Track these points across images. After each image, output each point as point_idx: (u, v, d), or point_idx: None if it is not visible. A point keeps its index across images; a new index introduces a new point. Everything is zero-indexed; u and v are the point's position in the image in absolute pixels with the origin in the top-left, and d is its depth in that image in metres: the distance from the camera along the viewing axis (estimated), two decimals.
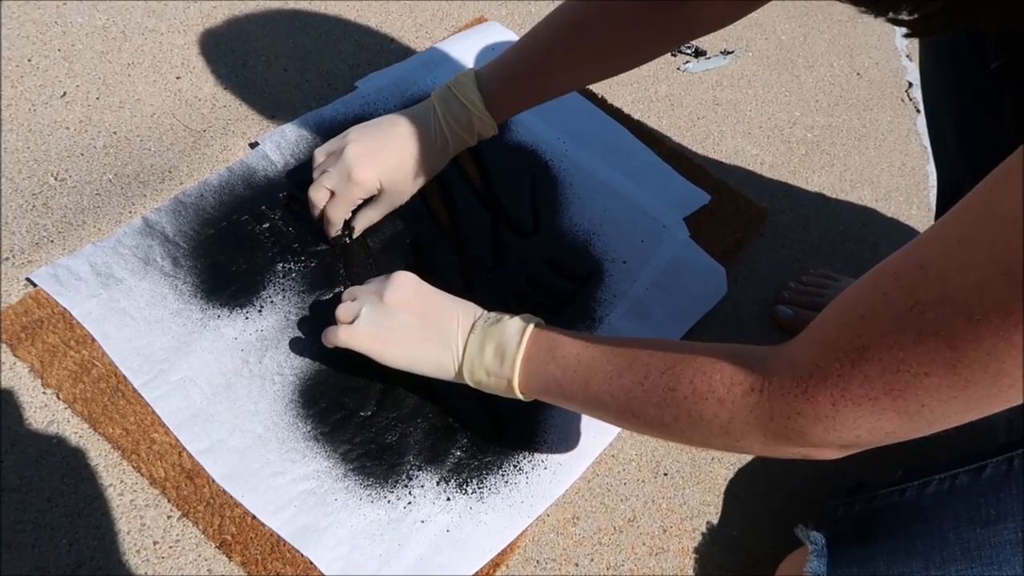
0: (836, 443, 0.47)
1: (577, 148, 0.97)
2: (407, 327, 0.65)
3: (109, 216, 0.79)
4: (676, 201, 0.95)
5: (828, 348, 0.46)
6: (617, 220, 0.91)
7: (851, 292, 0.47)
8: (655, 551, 0.72)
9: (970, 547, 0.58)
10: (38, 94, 0.87)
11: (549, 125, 0.98)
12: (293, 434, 0.70)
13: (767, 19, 1.26)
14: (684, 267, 0.89)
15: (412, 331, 0.65)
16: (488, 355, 0.63)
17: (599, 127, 1.01)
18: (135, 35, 0.95)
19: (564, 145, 0.97)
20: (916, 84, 1.25)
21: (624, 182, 0.95)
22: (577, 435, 0.75)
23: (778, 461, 0.79)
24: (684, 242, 0.91)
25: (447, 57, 1.01)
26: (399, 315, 0.65)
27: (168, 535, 0.64)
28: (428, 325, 0.65)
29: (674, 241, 0.90)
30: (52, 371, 0.68)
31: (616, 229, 0.90)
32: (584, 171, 0.95)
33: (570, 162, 0.95)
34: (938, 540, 0.60)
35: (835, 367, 0.45)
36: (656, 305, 0.85)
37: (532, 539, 0.71)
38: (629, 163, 0.97)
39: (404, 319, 0.65)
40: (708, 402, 0.51)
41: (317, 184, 0.74)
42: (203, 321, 0.73)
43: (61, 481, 0.65)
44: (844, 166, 1.09)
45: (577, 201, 0.92)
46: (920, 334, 0.41)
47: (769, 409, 0.49)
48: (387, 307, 0.66)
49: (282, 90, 0.95)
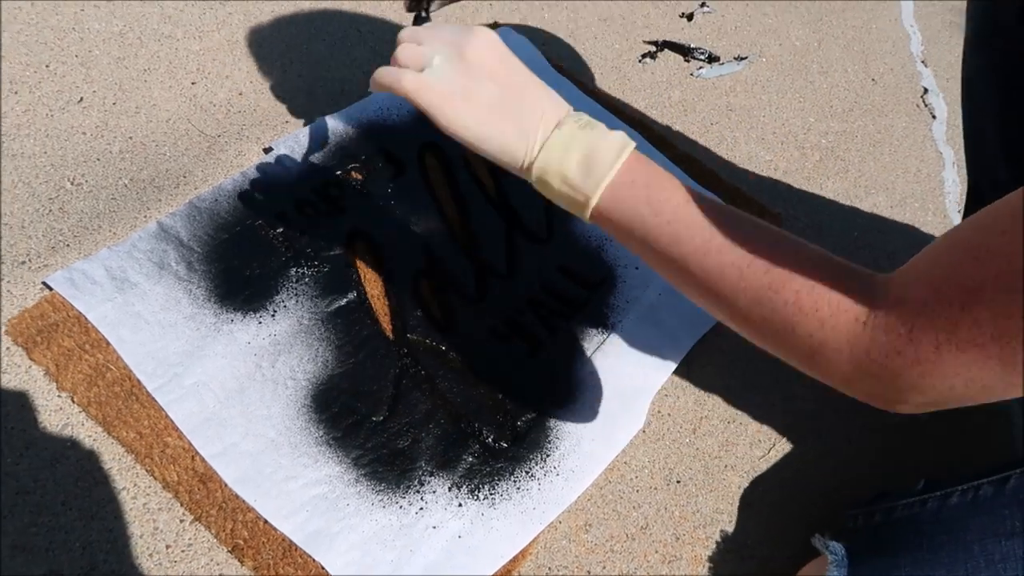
0: (925, 392, 0.46)
1: None
2: (487, 95, 0.56)
3: (124, 220, 0.80)
4: None
5: (939, 288, 0.44)
6: None
7: (964, 230, 0.45)
8: (668, 559, 0.72)
9: (995, 559, 0.57)
10: (55, 99, 0.88)
11: None
12: (305, 439, 0.70)
13: (781, 25, 1.26)
14: None
15: (491, 101, 0.56)
16: (572, 161, 0.55)
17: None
18: (151, 41, 0.96)
19: None
20: (931, 90, 1.24)
21: None
22: (590, 442, 0.75)
23: (791, 468, 0.79)
24: None
25: None
26: (481, 79, 0.56)
27: (181, 539, 0.64)
28: (509, 101, 0.56)
29: None
30: (67, 374, 0.69)
31: None
32: None
33: None
34: (962, 552, 0.59)
35: (944, 308, 0.43)
36: (669, 311, 0.84)
37: (544, 546, 0.70)
38: None
39: (485, 85, 0.56)
40: (808, 319, 0.49)
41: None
42: (217, 325, 0.74)
43: (75, 484, 0.65)
44: (859, 172, 1.09)
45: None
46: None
47: (868, 342, 0.46)
48: (468, 65, 0.57)
49: (296, 96, 0.95)
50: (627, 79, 1.10)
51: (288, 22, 1.03)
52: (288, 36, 1.01)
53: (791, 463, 0.80)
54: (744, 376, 0.84)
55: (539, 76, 0.60)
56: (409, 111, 0.94)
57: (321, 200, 0.84)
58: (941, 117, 1.21)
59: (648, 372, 0.80)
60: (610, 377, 0.79)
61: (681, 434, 0.79)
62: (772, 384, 0.84)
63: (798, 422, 0.82)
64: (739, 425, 0.81)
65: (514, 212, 0.89)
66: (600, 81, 1.08)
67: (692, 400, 0.82)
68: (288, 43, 1.01)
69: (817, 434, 0.82)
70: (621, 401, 0.78)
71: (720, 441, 0.80)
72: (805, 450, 0.81)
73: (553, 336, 0.81)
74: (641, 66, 1.13)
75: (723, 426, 0.81)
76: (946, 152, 1.16)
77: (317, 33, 1.03)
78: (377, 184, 0.87)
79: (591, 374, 0.79)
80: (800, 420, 0.82)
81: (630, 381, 0.79)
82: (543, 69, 1.04)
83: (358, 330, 0.77)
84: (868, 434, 0.82)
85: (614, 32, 1.16)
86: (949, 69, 1.29)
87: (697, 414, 0.81)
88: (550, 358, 0.79)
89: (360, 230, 0.83)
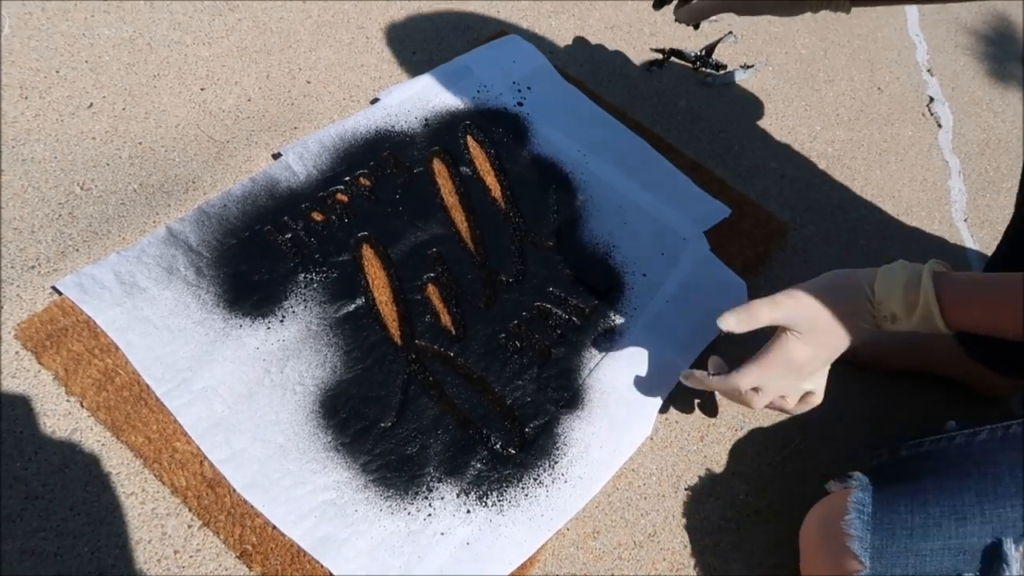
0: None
1: (596, 160, 0.97)
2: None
3: (133, 225, 0.80)
4: (697, 214, 0.94)
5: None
6: (637, 233, 0.91)
7: None
8: (675, 566, 0.72)
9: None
10: (65, 105, 0.88)
11: (568, 137, 0.98)
12: (314, 444, 0.70)
13: (787, 33, 1.26)
14: (705, 281, 0.88)
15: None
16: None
17: (618, 138, 1.01)
18: (160, 47, 0.97)
19: (584, 157, 0.97)
20: (937, 99, 1.24)
21: (644, 194, 0.95)
22: (598, 449, 0.75)
23: (798, 477, 0.79)
24: (705, 256, 0.90)
25: (468, 70, 1.02)
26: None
27: (189, 544, 0.64)
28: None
29: (695, 254, 0.90)
30: (76, 379, 0.69)
31: (636, 241, 0.90)
32: (604, 183, 0.95)
33: (590, 174, 0.95)
34: (991, 478, 0.60)
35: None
36: (677, 318, 0.85)
37: (552, 553, 0.70)
38: (649, 175, 0.97)
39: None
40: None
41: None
42: (225, 331, 0.74)
43: (84, 489, 0.65)
44: (865, 180, 1.09)
45: (597, 214, 0.92)
46: None
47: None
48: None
49: (304, 102, 0.96)
50: (634, 87, 1.10)
51: (296, 28, 1.03)
52: (296, 43, 1.02)
53: (799, 472, 0.79)
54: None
55: (547, 84, 0.60)
56: (416, 117, 0.94)
57: (330, 206, 0.84)
58: (947, 126, 1.21)
59: (655, 380, 0.80)
60: (617, 384, 0.79)
61: (689, 442, 0.79)
62: None
63: (806, 431, 0.82)
64: (747, 433, 0.81)
65: (522, 219, 0.89)
66: (607, 89, 1.08)
67: (699, 408, 0.82)
68: (296, 50, 1.01)
69: (825, 442, 0.82)
70: (628, 409, 0.78)
71: (728, 449, 0.80)
72: (813, 459, 0.81)
73: (561, 343, 0.81)
74: (648, 74, 1.13)
75: (731, 434, 0.81)
76: (952, 161, 1.16)
77: (325, 39, 1.03)
78: (385, 190, 0.87)
79: (599, 381, 0.79)
80: (808, 429, 0.82)
81: (637, 389, 0.79)
82: (551, 77, 1.04)
83: (366, 336, 0.77)
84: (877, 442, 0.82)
85: (621, 40, 1.16)
86: (955, 78, 1.29)
87: (705, 422, 0.81)
88: (558, 365, 0.79)
89: (368, 236, 0.83)
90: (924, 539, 0.59)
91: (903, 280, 0.62)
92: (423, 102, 0.96)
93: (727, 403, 0.82)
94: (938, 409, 0.86)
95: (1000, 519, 0.58)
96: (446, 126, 0.95)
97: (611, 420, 0.77)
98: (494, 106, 0.99)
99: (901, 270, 0.64)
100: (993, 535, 0.58)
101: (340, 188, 0.85)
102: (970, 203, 1.11)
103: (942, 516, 0.60)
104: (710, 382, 0.72)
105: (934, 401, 0.87)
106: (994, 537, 0.57)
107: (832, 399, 0.85)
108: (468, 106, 0.98)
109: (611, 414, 0.77)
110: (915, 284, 0.62)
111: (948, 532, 0.59)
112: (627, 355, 0.81)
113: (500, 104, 1.00)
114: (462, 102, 0.98)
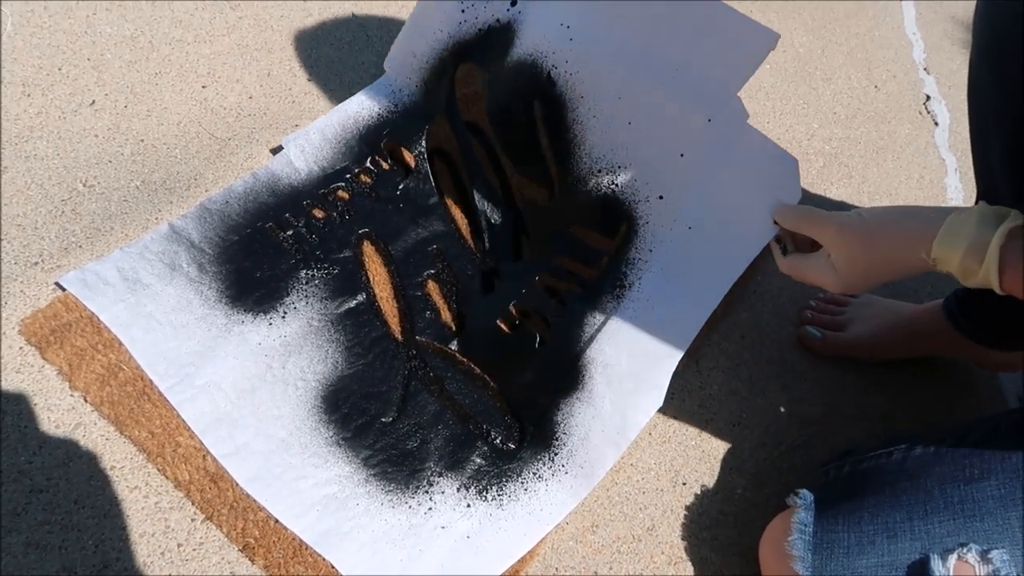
0: None
1: (585, 40, 0.77)
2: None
3: (136, 222, 0.80)
4: (728, 58, 0.72)
5: None
6: (647, 134, 0.75)
7: None
8: (674, 560, 0.72)
9: (953, 501, 0.59)
10: (68, 102, 0.88)
11: (551, 13, 0.79)
12: (315, 439, 0.70)
13: (785, 31, 1.27)
14: (744, 162, 0.73)
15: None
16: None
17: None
18: (162, 45, 0.97)
19: (569, 43, 0.78)
20: (934, 97, 1.25)
21: (651, 62, 0.74)
22: (599, 434, 0.74)
23: (796, 471, 0.79)
24: (736, 138, 0.73)
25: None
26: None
27: (192, 538, 0.65)
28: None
29: (724, 138, 0.73)
30: (80, 374, 0.69)
31: (646, 148, 0.76)
32: (597, 72, 0.77)
33: (578, 63, 0.78)
34: (923, 495, 0.61)
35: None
36: (699, 252, 0.76)
37: (551, 547, 0.71)
38: (653, 25, 0.74)
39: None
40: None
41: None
42: (228, 326, 0.74)
43: (88, 483, 0.66)
44: (862, 178, 1.10)
45: (594, 123, 0.79)
46: None
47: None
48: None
49: (306, 99, 0.96)
50: None
51: (297, 26, 1.04)
52: (297, 40, 1.02)
53: (797, 467, 0.80)
54: (750, 379, 0.85)
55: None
56: (416, 113, 0.94)
57: (331, 203, 0.84)
58: (943, 124, 1.22)
59: (671, 338, 0.75)
60: (622, 356, 0.75)
61: (687, 436, 0.80)
62: (778, 387, 0.85)
63: (804, 425, 0.83)
64: (745, 428, 0.82)
65: (521, 212, 0.89)
66: None
67: (698, 403, 0.82)
68: (297, 47, 1.01)
69: (823, 437, 0.83)
70: (636, 381, 0.74)
71: (726, 444, 0.80)
72: (812, 454, 0.81)
73: (564, 313, 0.79)
74: None
75: (729, 429, 0.81)
76: (948, 159, 1.17)
77: (326, 37, 1.04)
78: (386, 186, 0.87)
79: (601, 353, 0.76)
80: (806, 423, 0.83)
81: (646, 355, 0.75)
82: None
83: (367, 332, 0.77)
84: (874, 438, 0.83)
85: None
86: (951, 76, 1.30)
87: (703, 416, 0.82)
88: (559, 345, 0.77)
89: (369, 233, 0.84)
90: (859, 556, 0.60)
91: (964, 245, 0.56)
92: (419, 61, 0.89)
93: (725, 400, 0.83)
94: (936, 405, 0.87)
95: (928, 535, 0.59)
96: (440, 72, 0.88)
97: (614, 398, 0.74)
98: (483, 24, 0.84)
99: (967, 228, 0.56)
100: (922, 551, 0.58)
101: (341, 185, 0.86)
102: (966, 200, 1.12)
103: (875, 533, 0.61)
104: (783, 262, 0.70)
105: (932, 397, 0.88)
106: (922, 553, 0.58)
107: (830, 394, 0.86)
108: (457, 37, 0.86)
109: (615, 390, 0.74)
110: (979, 251, 0.55)
111: (880, 549, 0.60)
112: (635, 316, 0.76)
113: (490, 17, 0.83)
114: (449, 33, 0.86)
